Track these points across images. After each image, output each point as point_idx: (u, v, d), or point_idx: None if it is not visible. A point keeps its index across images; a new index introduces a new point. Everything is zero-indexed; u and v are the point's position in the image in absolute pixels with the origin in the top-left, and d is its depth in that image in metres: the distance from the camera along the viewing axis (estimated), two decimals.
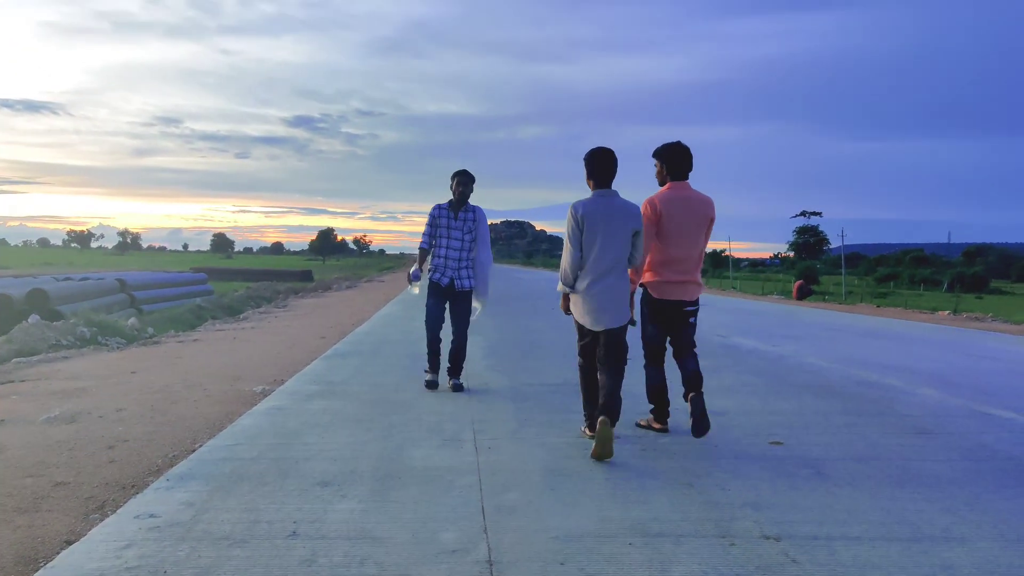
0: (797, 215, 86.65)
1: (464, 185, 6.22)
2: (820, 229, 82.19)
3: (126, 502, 3.58)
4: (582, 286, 4.56)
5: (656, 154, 5.01)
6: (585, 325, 4.63)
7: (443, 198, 6.36)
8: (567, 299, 4.77)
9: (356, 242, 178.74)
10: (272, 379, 6.98)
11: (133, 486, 3.85)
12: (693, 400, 4.68)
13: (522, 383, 6.81)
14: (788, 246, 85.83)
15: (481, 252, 6.39)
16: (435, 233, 6.30)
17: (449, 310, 6.39)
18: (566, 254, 4.62)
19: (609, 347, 4.58)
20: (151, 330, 13.27)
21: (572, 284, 4.63)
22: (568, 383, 6.53)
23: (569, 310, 4.78)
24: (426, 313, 6.35)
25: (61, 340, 10.74)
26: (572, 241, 4.55)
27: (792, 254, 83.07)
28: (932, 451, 4.63)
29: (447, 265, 6.24)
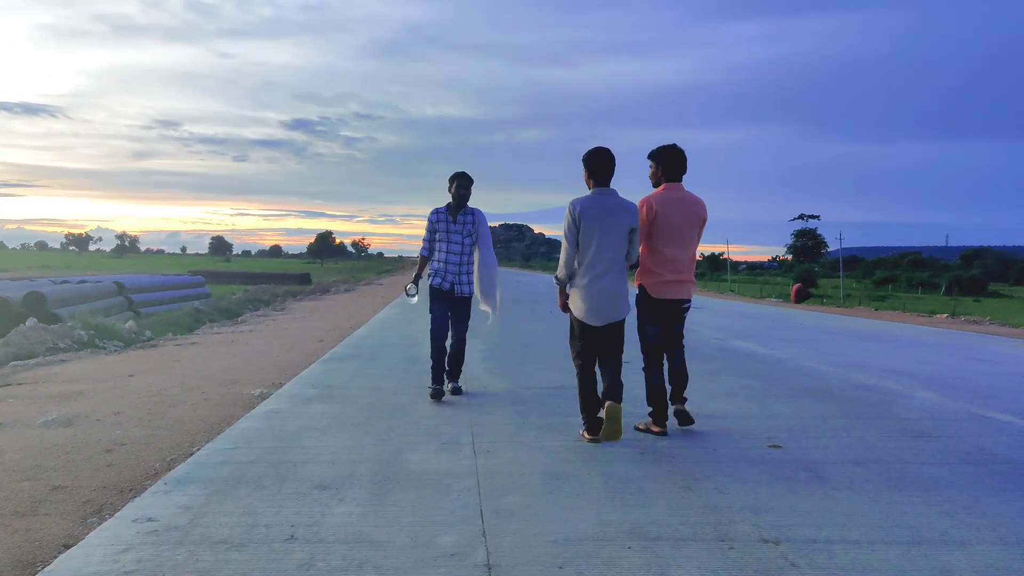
0: (795, 218, 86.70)
1: (463, 187, 6.08)
2: (818, 232, 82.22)
3: (124, 506, 3.57)
4: (583, 282, 4.70)
5: (651, 155, 5.13)
6: (586, 321, 4.74)
7: (442, 201, 6.21)
8: (564, 296, 4.91)
9: (354, 245, 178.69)
10: (270, 382, 6.98)
11: (131, 490, 3.85)
12: (679, 413, 5.08)
13: (520, 386, 6.81)
14: (786, 249, 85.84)
15: (485, 255, 6.26)
16: (435, 238, 6.17)
17: (450, 318, 6.25)
18: (563, 251, 4.78)
19: (609, 341, 4.78)
20: (149, 333, 13.26)
21: (568, 279, 4.79)
22: (566, 387, 6.53)
23: (567, 308, 4.89)
24: (432, 322, 6.15)
25: (58, 343, 10.73)
26: (568, 238, 4.71)
27: (790, 257, 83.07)
28: (931, 454, 4.63)
29: (447, 270, 6.10)
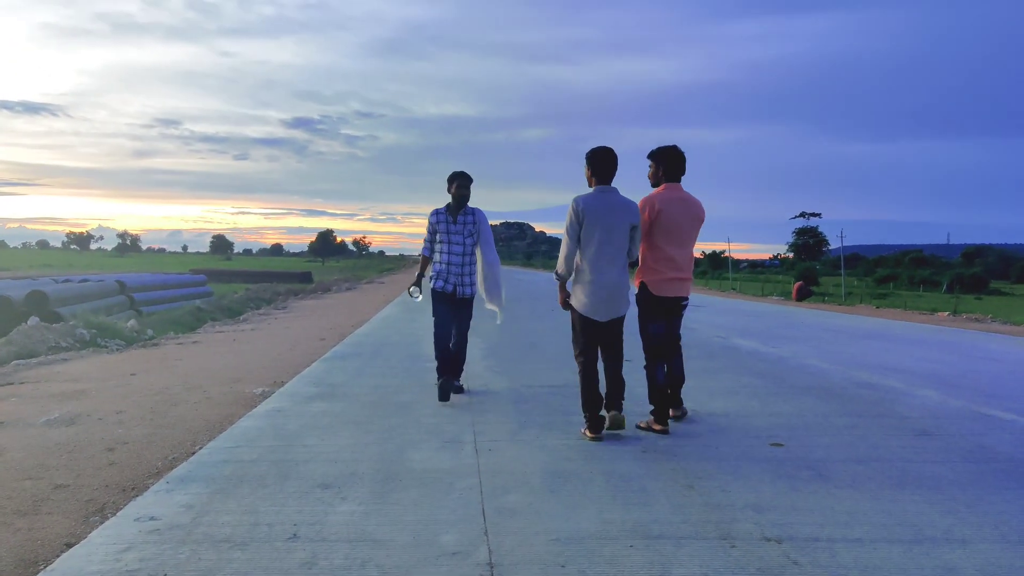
0: (796, 216, 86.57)
1: (463, 187, 6.05)
2: (819, 230, 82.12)
3: (126, 504, 3.57)
4: (586, 278, 4.77)
5: (652, 155, 5.20)
6: (589, 316, 4.80)
7: (443, 201, 6.17)
8: (565, 294, 4.97)
9: (356, 243, 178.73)
10: (272, 381, 6.98)
11: (133, 488, 3.85)
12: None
13: (522, 385, 6.81)
14: (787, 247, 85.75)
15: (487, 254, 6.22)
16: (435, 239, 6.13)
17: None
18: (564, 246, 4.82)
19: (611, 337, 4.91)
20: (150, 332, 13.27)
21: (568, 275, 4.86)
22: (568, 384, 6.53)
23: (568, 305, 4.94)
24: (435, 325, 6.09)
25: (60, 342, 10.74)
26: (570, 233, 4.77)
27: (791, 255, 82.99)
28: (933, 452, 4.63)
29: (450, 271, 6.05)
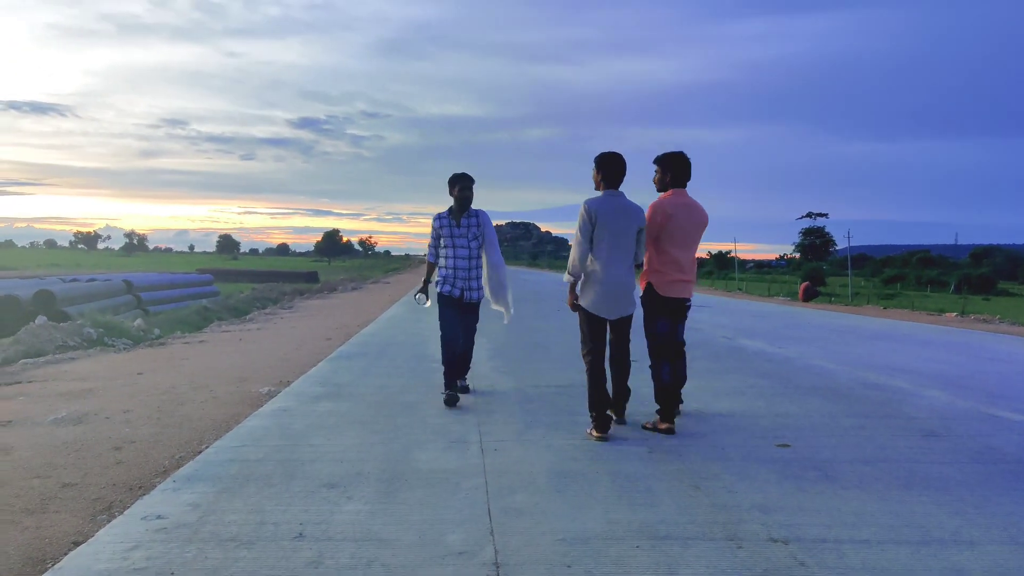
0: (803, 216, 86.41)
1: (466, 189, 5.97)
2: (826, 230, 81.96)
3: (133, 503, 3.58)
4: (596, 278, 4.86)
5: (658, 161, 5.27)
6: (598, 314, 4.90)
7: (447, 202, 6.10)
8: (574, 295, 5.01)
9: (361, 243, 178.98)
10: (278, 380, 6.99)
11: (140, 487, 3.86)
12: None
13: (528, 385, 6.80)
14: (794, 247, 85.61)
15: (492, 256, 6.14)
16: (440, 244, 6.06)
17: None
18: (575, 246, 4.89)
19: (617, 336, 5.06)
20: (157, 331, 13.31)
21: (579, 274, 4.92)
22: (574, 385, 6.52)
23: (576, 305, 5.01)
24: (442, 330, 6.00)
25: (68, 341, 10.78)
26: (583, 234, 4.84)
27: (798, 255, 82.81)
28: (940, 453, 4.61)
29: (456, 276, 5.97)
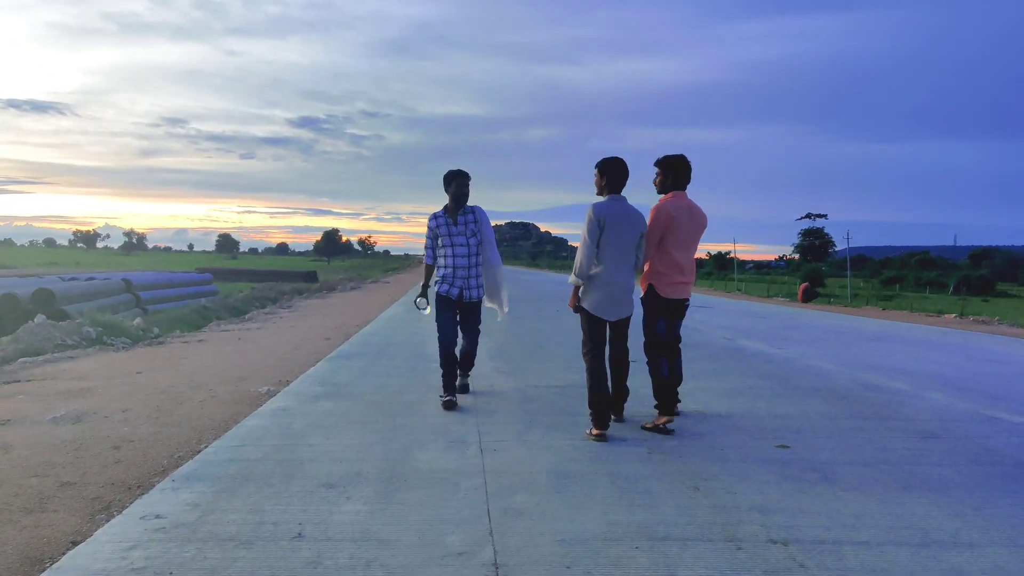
0: (802, 217, 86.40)
1: (463, 186, 5.85)
2: (825, 231, 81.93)
3: (132, 503, 3.58)
4: (600, 281, 4.90)
5: (659, 164, 5.32)
6: (600, 316, 4.95)
7: (445, 201, 5.93)
8: (577, 296, 5.05)
9: (361, 243, 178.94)
10: (277, 380, 6.99)
11: (139, 487, 3.86)
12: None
13: (528, 385, 6.80)
14: (793, 248, 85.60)
15: (489, 254, 6.01)
16: (437, 244, 5.92)
17: (460, 323, 6.02)
18: (583, 249, 4.91)
19: (619, 335, 5.12)
20: (156, 330, 13.31)
21: (587, 277, 4.94)
22: (574, 385, 6.52)
23: (578, 307, 5.05)
24: (439, 330, 5.87)
25: (67, 340, 10.77)
26: (591, 236, 4.87)
27: (797, 256, 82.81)
28: (940, 455, 4.61)
29: (455, 275, 5.83)
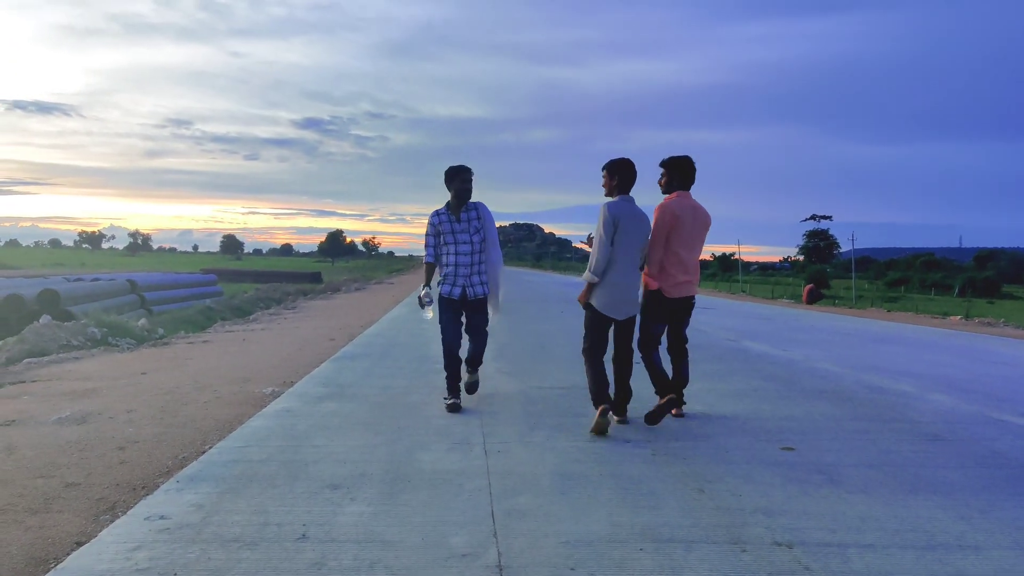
0: (807, 219, 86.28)
1: (467, 181, 5.67)
2: (830, 233, 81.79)
3: (136, 503, 3.59)
4: (610, 280, 5.01)
5: (665, 164, 5.43)
6: (608, 314, 5.07)
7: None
8: (588, 292, 5.15)
9: (365, 244, 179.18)
10: (282, 381, 6.99)
11: (143, 487, 3.86)
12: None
13: (531, 386, 6.79)
14: (798, 250, 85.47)
15: (491, 253, 5.81)
16: (439, 243, 5.77)
17: (465, 324, 5.87)
18: (600, 248, 4.98)
19: (624, 335, 5.20)
20: (161, 331, 13.34)
21: (602, 275, 5.04)
22: (578, 386, 6.51)
23: (588, 302, 5.16)
24: (442, 332, 5.76)
25: (72, 340, 10.80)
26: (607, 236, 4.96)
27: (802, 258, 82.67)
28: (945, 458, 4.59)
29: (458, 274, 5.67)
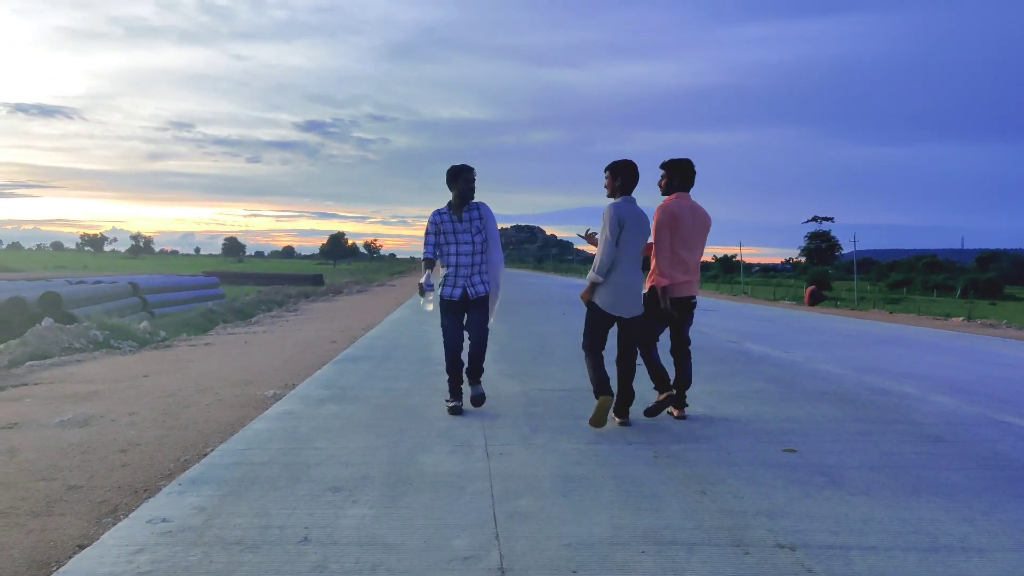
0: (809, 220, 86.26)
1: (471, 181, 5.63)
2: (832, 235, 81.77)
3: (138, 506, 3.58)
4: (615, 279, 5.07)
5: (665, 166, 5.54)
6: (614, 313, 5.13)
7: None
8: (591, 291, 5.20)
9: (367, 246, 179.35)
10: (283, 383, 6.99)
11: (145, 490, 3.86)
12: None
13: (533, 388, 6.79)
14: (800, 251, 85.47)
15: (493, 253, 5.73)
16: (439, 241, 5.69)
17: (466, 324, 5.78)
18: (606, 248, 5.03)
19: (628, 335, 5.24)
20: (163, 333, 13.34)
21: (607, 275, 5.09)
22: (579, 388, 6.50)
23: (591, 300, 5.20)
24: (443, 335, 5.72)
25: (74, 343, 10.81)
26: (612, 235, 5.01)
27: (804, 260, 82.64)
28: (948, 460, 4.58)
29: (458, 274, 5.59)
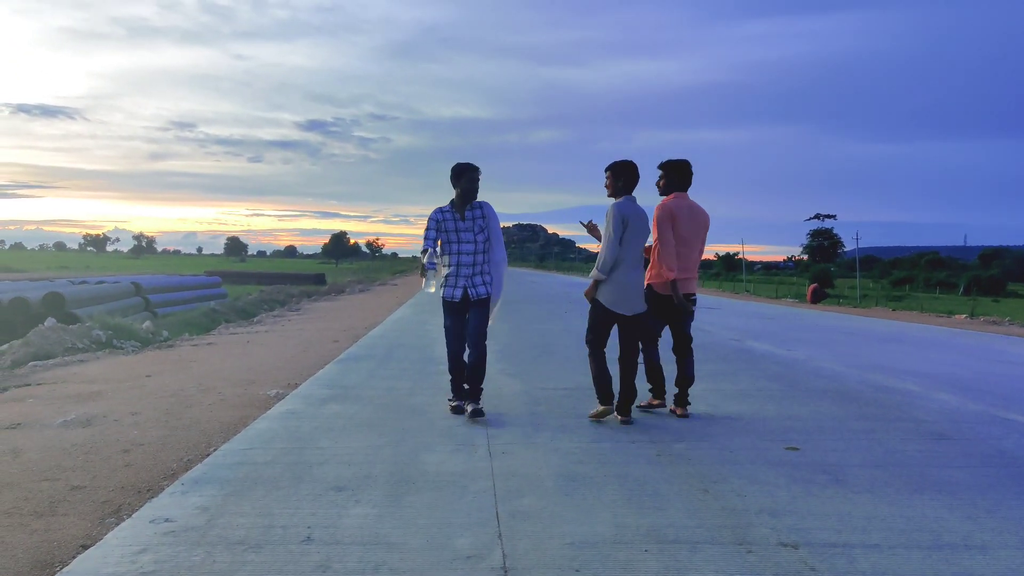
0: (811, 218, 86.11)
1: (475, 180, 5.54)
2: (834, 232, 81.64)
3: (141, 506, 3.59)
4: (618, 277, 5.14)
5: (663, 167, 5.68)
6: (617, 311, 5.20)
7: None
8: (594, 288, 5.26)
9: (369, 245, 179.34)
10: (286, 383, 7.00)
11: (148, 490, 3.87)
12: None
13: (535, 387, 6.79)
14: (802, 249, 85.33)
15: (496, 251, 5.66)
16: (440, 240, 5.60)
17: (465, 326, 5.69)
18: (610, 246, 5.09)
19: (630, 333, 5.31)
20: (166, 333, 13.35)
21: (610, 273, 5.16)
22: (581, 387, 6.50)
23: (595, 297, 5.26)
24: (446, 335, 5.69)
25: (77, 343, 10.82)
26: (616, 234, 5.08)
27: (806, 257, 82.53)
28: (951, 457, 4.58)
29: (459, 274, 5.51)
